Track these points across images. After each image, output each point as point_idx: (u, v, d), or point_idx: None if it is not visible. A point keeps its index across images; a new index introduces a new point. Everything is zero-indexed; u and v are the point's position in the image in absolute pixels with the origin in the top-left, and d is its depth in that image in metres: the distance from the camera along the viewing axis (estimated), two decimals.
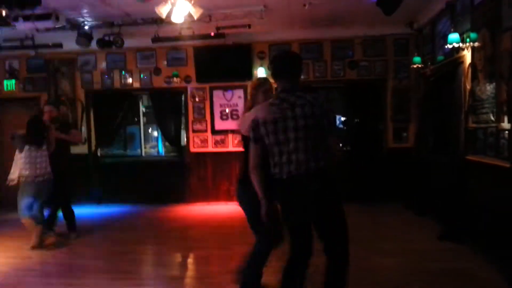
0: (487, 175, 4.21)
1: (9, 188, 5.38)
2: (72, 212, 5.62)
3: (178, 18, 4.65)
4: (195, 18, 4.76)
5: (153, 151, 8.84)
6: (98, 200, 7.68)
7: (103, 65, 7.85)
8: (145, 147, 8.62)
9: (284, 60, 3.00)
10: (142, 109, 8.50)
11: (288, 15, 6.25)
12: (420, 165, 6.38)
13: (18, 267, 4.62)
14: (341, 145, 7.62)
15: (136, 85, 7.85)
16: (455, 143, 5.06)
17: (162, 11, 4.45)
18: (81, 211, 6.89)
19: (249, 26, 6.52)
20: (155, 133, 9.17)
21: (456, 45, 4.71)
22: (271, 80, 3.22)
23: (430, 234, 5.16)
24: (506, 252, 3.76)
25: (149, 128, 8.94)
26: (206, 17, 5.92)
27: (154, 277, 4.37)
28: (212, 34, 6.40)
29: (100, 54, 7.74)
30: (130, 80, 7.85)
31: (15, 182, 5.21)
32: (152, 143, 9.51)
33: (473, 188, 4.54)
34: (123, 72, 7.85)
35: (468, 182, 4.67)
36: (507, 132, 3.78)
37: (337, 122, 8.17)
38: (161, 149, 8.97)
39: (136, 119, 8.67)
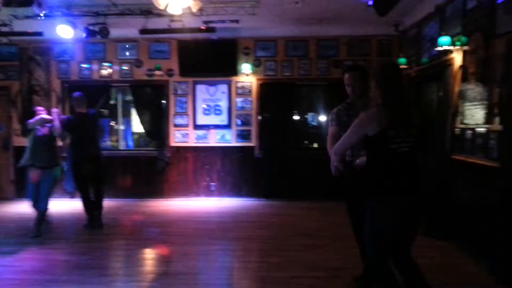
0: (474, 174, 4.35)
1: None
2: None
3: (176, 10, 4.53)
4: (194, 10, 4.66)
5: (123, 145, 8.57)
6: (70, 194, 7.38)
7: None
8: (115, 140, 8.45)
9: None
10: (121, 101, 8.26)
11: (278, 12, 6.23)
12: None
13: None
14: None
15: (116, 77, 7.63)
16: (440, 143, 5.20)
17: (160, 1, 4.32)
18: (55, 205, 6.65)
19: (237, 21, 6.48)
20: (129, 126, 8.90)
21: (446, 47, 4.84)
22: None
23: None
24: (492, 248, 3.91)
25: (127, 121, 8.68)
26: (196, 10, 5.82)
27: (136, 273, 4.26)
28: (203, 28, 6.28)
29: (78, 43, 7.46)
30: (109, 72, 7.62)
31: None
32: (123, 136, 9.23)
33: (459, 187, 4.69)
34: (102, 63, 7.60)
35: (454, 180, 4.81)
36: (497, 133, 3.92)
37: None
38: (131, 143, 8.75)
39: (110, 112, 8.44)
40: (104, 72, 7.62)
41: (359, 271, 3.72)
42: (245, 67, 7.31)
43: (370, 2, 4.87)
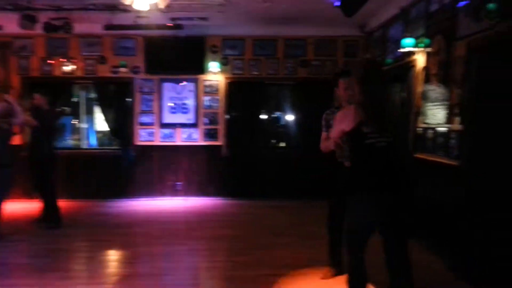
0: (435, 173, 4.48)
1: None
2: None
3: (143, 5, 4.43)
4: (162, 7, 4.58)
5: (86, 143, 8.33)
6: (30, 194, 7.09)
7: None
8: (77, 139, 8.24)
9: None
10: (84, 99, 8.03)
11: (246, 10, 6.21)
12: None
13: None
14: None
15: (79, 73, 7.39)
16: (403, 142, 5.32)
17: None
18: (16, 206, 6.42)
19: (206, 19, 6.42)
20: (92, 124, 8.66)
21: (409, 49, 4.97)
22: None
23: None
24: (452, 245, 4.04)
25: (90, 119, 8.44)
26: (163, 7, 5.72)
27: (99, 276, 4.13)
28: (171, 25, 6.18)
29: (39, 38, 7.19)
30: (72, 68, 7.37)
31: None
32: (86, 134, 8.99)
33: (421, 185, 4.82)
34: (65, 59, 7.34)
35: (416, 178, 4.94)
36: (457, 133, 4.06)
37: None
38: (94, 141, 8.53)
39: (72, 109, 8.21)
40: (67, 68, 7.36)
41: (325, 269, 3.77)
42: (213, 66, 7.24)
43: (337, 3, 4.93)
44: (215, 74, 7.32)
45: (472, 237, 3.77)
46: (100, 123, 8.28)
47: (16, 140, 5.73)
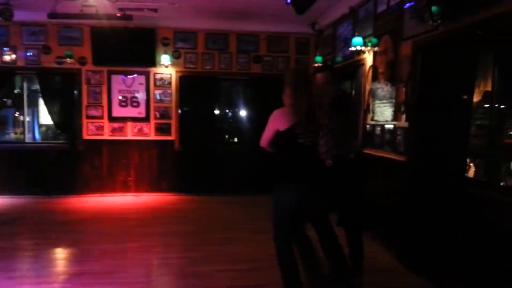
0: (383, 167, 4.70)
1: None
2: None
3: None
4: None
5: (29, 137, 7.93)
6: None
7: None
8: (20, 132, 7.83)
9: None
10: (27, 90, 7.61)
11: (198, 3, 6.14)
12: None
13: None
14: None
15: (21, 63, 6.99)
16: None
17: None
18: None
19: (156, 10, 6.28)
20: (35, 118, 8.25)
21: (358, 48, 5.15)
22: None
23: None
24: (400, 236, 4.27)
25: (33, 112, 8.02)
26: None
27: (47, 274, 3.98)
28: (119, 15, 5.98)
29: None
30: (13, 58, 6.97)
31: None
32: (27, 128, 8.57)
33: (370, 179, 5.02)
34: (4, 48, 6.92)
35: (365, 173, 5.14)
36: (403, 129, 4.27)
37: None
38: (37, 135, 8.14)
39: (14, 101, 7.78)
40: (7, 57, 6.95)
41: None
42: (164, 58, 7.11)
43: (289, 0, 5.00)
44: (166, 67, 7.19)
45: (416, 228, 3.99)
46: (45, 116, 7.88)
47: None
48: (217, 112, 8.09)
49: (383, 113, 4.73)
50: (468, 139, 3.93)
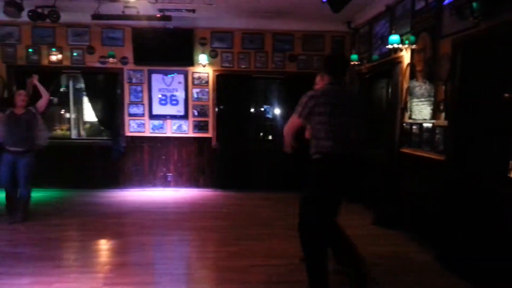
0: (421, 167, 4.64)
1: None
2: None
3: None
4: None
5: (75, 133, 8.28)
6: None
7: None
8: (62, 129, 8.23)
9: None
10: (72, 89, 7.98)
11: (235, 3, 6.26)
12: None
13: None
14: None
15: (67, 63, 7.34)
16: (390, 136, 5.49)
17: None
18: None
19: (194, 11, 6.44)
20: (80, 115, 8.61)
21: (395, 46, 5.11)
22: None
23: (363, 220, 5.58)
24: (438, 237, 4.21)
25: (78, 109, 8.39)
26: None
27: (92, 265, 4.20)
28: (159, 15, 6.18)
29: (26, 27, 7.12)
30: (59, 58, 7.32)
31: None
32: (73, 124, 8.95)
33: (407, 178, 4.99)
34: (52, 48, 7.29)
35: (402, 172, 5.11)
36: (443, 128, 4.21)
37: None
38: (82, 131, 8.49)
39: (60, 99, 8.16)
40: (54, 58, 7.31)
41: None
42: (202, 58, 7.28)
43: None
44: (204, 66, 7.36)
45: (456, 228, 3.94)
46: (89, 113, 8.24)
47: None
48: (252, 110, 8.20)
49: (421, 111, 4.68)
50: (510, 139, 3.84)
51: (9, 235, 4.96)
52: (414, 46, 4.89)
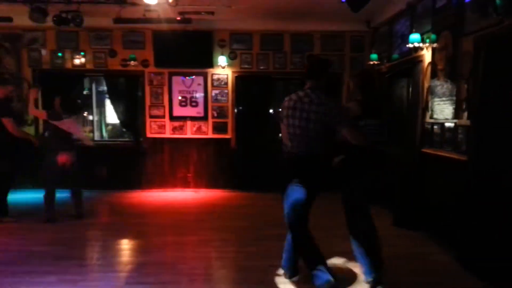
0: (443, 167, 4.57)
1: None
2: None
3: None
4: (170, 1, 4.66)
5: (97, 135, 8.45)
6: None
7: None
8: (85, 131, 8.29)
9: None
10: (94, 91, 8.16)
11: (253, 5, 6.29)
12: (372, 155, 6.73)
13: None
14: None
15: (90, 66, 7.50)
16: (410, 136, 5.42)
17: None
18: (29, 195, 6.59)
19: (213, 13, 6.50)
20: (102, 117, 8.80)
21: (416, 44, 5.04)
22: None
23: (382, 221, 5.49)
24: (460, 237, 4.14)
25: (101, 111, 8.57)
26: (172, 1, 5.81)
27: (115, 264, 4.30)
28: (179, 18, 6.26)
29: (50, 31, 7.31)
30: (82, 61, 7.49)
31: None
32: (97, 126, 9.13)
33: (428, 179, 4.92)
34: (75, 52, 7.46)
35: (423, 172, 5.03)
36: (465, 128, 4.14)
37: None
38: (104, 133, 8.67)
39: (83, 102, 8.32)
40: (77, 61, 7.49)
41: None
42: (221, 60, 7.34)
43: None
44: (223, 68, 7.41)
45: (477, 230, 3.86)
46: (111, 115, 8.41)
47: None
48: (271, 111, 8.21)
49: (443, 111, 4.60)
50: None
51: (36, 234, 5.10)
52: (435, 45, 4.81)
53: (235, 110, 7.62)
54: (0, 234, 5.02)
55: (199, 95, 7.58)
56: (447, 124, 4.50)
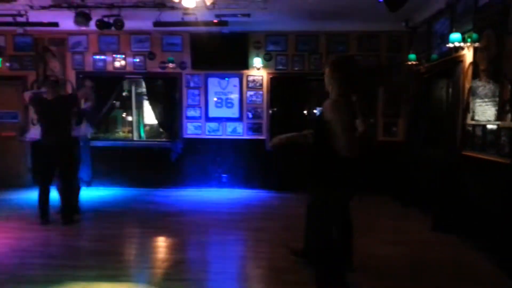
0: (485, 170, 4.42)
1: None
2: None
3: (190, 3, 4.63)
4: (208, 4, 4.76)
5: (136, 136, 8.69)
6: (87, 182, 7.58)
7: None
8: (124, 131, 8.70)
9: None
10: (133, 93, 8.40)
11: (289, 6, 6.29)
12: (409, 158, 6.61)
13: (16, 248, 4.58)
14: None
15: (130, 69, 7.74)
16: (450, 139, 5.28)
17: None
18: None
19: (249, 15, 6.56)
20: (141, 118, 9.04)
21: (457, 44, 4.91)
22: None
23: (421, 225, 5.41)
24: (504, 244, 4.00)
25: (139, 112, 8.82)
26: (210, 4, 5.90)
27: (152, 260, 4.43)
28: (216, 21, 6.37)
29: (92, 35, 7.60)
30: (122, 64, 7.74)
31: None
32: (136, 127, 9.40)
33: (470, 182, 4.77)
34: (116, 55, 7.72)
35: (464, 176, 4.89)
36: (509, 130, 3.99)
37: None
38: (142, 134, 8.89)
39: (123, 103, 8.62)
40: (118, 64, 7.74)
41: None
42: (256, 61, 7.40)
43: None
44: (258, 69, 7.46)
45: None
46: (149, 116, 8.64)
47: None
48: (305, 112, 8.19)
49: (485, 112, 4.46)
50: None
51: (76, 230, 5.34)
52: (477, 44, 4.68)
53: (270, 111, 7.65)
54: (41, 229, 5.25)
55: (235, 96, 7.66)
56: (489, 126, 4.35)
